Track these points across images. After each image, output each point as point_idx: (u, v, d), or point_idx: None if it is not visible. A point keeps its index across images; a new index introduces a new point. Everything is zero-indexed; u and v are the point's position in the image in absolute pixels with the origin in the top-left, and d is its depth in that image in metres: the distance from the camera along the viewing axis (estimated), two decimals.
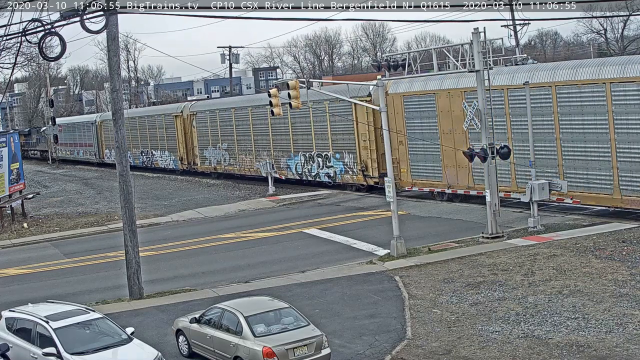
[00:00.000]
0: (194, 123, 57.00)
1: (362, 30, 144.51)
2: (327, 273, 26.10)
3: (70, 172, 76.13)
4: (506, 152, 28.45)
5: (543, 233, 28.21)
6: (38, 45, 22.95)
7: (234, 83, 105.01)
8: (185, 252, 32.33)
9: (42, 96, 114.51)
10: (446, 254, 26.70)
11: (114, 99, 24.99)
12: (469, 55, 28.68)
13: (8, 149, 43.19)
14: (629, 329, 17.70)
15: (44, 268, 31.25)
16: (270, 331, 17.02)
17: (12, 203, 43.83)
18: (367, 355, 17.93)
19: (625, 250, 24.38)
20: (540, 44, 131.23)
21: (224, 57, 79.34)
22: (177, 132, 58.97)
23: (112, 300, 24.79)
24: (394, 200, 27.54)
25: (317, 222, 35.49)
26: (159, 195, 50.15)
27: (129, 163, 25.66)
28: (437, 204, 37.08)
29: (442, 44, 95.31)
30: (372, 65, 67.91)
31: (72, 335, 17.16)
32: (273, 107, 29.41)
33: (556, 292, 20.97)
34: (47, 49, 23.56)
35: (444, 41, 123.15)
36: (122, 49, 74.25)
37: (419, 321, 19.87)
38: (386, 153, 28.10)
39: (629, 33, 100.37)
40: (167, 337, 20.14)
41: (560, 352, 16.82)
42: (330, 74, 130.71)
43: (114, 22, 23.91)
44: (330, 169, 43.27)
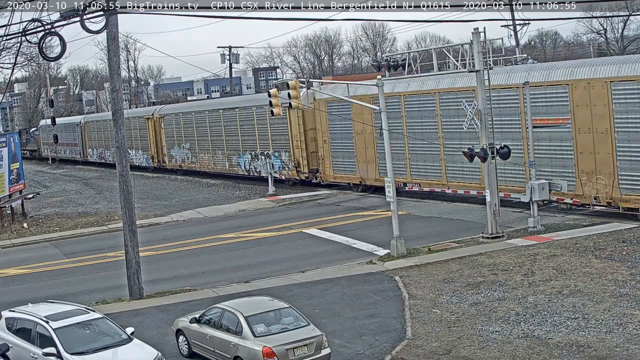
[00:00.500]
0: (162, 125, 62.26)
1: (362, 30, 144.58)
2: (327, 273, 26.10)
3: (70, 172, 76.17)
4: (506, 152, 28.48)
5: (543, 233, 28.22)
6: (38, 45, 22.96)
7: (234, 83, 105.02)
8: (185, 252, 32.33)
9: (42, 96, 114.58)
10: (446, 254, 26.70)
11: (114, 99, 24.99)
12: (469, 55, 28.69)
13: (8, 149, 43.20)
14: (629, 329, 17.70)
15: (44, 268, 31.25)
16: (270, 331, 17.03)
17: (12, 203, 43.84)
18: (367, 355, 17.94)
19: (625, 250, 24.39)
20: (540, 44, 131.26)
21: (224, 57, 79.36)
22: (149, 133, 64.03)
23: (112, 300, 24.79)
24: (394, 200, 27.54)
25: (317, 222, 35.50)
26: (159, 195, 50.16)
27: (127, 163, 25.64)
28: (437, 203, 37.10)
29: (442, 44, 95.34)
30: (372, 65, 67.90)
31: (72, 335, 17.16)
32: (273, 107, 29.43)
33: (556, 292, 20.97)
34: (47, 49, 23.56)
35: (444, 41, 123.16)
36: (122, 49, 74.53)
37: (419, 321, 19.87)
38: (386, 153, 28.04)
39: (629, 33, 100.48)
40: (167, 337, 20.14)
41: (560, 352, 16.83)
42: (330, 74, 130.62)
43: (114, 22, 23.91)
44: (255, 163, 49.56)
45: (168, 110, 63.59)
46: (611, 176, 28.96)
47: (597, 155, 29.49)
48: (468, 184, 35.26)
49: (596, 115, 29.18)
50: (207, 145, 55.23)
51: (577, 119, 30.03)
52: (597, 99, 29.03)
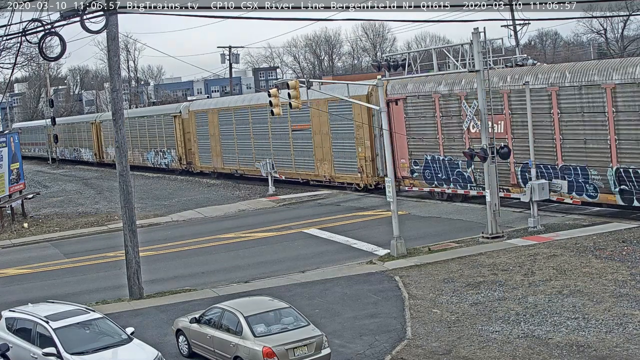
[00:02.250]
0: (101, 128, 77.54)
1: (362, 30, 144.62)
2: (327, 273, 26.10)
3: (70, 172, 76.26)
4: (506, 152, 28.52)
5: (543, 233, 28.22)
6: (38, 45, 22.97)
7: (234, 83, 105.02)
8: (185, 252, 32.33)
9: (42, 96, 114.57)
10: (446, 254, 26.70)
11: (114, 99, 24.97)
12: (469, 55, 28.71)
13: (8, 149, 43.19)
14: (629, 329, 17.70)
15: (44, 268, 31.25)
16: (270, 331, 17.03)
17: (12, 203, 43.83)
18: (367, 355, 17.94)
19: (625, 250, 24.39)
20: (540, 44, 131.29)
21: (224, 57, 79.31)
22: (93, 135, 79.15)
23: (112, 300, 24.79)
24: (394, 200, 27.54)
25: (317, 222, 35.50)
26: (158, 195, 50.17)
27: (127, 163, 25.64)
28: (437, 203, 37.10)
29: (442, 44, 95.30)
30: (372, 65, 67.88)
31: (72, 335, 17.16)
32: (273, 107, 29.43)
33: (556, 292, 20.97)
34: (47, 49, 23.59)
35: (444, 41, 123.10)
36: (122, 49, 75.02)
37: (419, 321, 19.87)
38: (386, 153, 28.06)
39: (629, 33, 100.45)
40: (167, 337, 20.14)
41: (560, 352, 16.83)
42: (330, 74, 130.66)
43: (114, 22, 23.90)
44: (165, 159, 63.69)
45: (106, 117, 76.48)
46: (330, 162, 43.23)
47: (323, 149, 43.86)
48: (305, 173, 46.58)
49: (321, 122, 43.44)
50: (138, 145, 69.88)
51: (314, 125, 43.99)
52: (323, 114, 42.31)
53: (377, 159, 40.27)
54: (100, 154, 77.67)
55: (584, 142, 29.94)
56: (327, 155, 43.74)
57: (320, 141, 43.98)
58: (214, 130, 54.92)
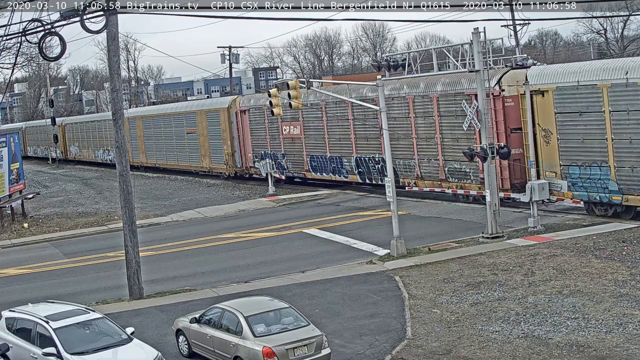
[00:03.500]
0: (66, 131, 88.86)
1: (362, 30, 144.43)
2: (327, 273, 26.10)
3: (70, 172, 76.28)
4: (506, 152, 28.54)
5: (543, 233, 28.22)
6: (38, 45, 23.00)
7: (234, 83, 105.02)
8: (185, 252, 32.34)
9: (42, 96, 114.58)
10: (446, 254, 26.71)
11: (114, 99, 24.98)
12: (469, 55, 28.72)
13: (8, 149, 43.19)
14: (629, 329, 17.71)
15: (44, 268, 31.25)
16: (270, 331, 17.03)
17: (12, 203, 43.83)
18: (367, 355, 17.94)
19: (625, 250, 24.40)
20: (540, 44, 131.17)
21: (224, 57, 79.28)
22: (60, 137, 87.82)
23: (112, 300, 24.79)
24: (394, 200, 27.54)
25: (317, 222, 35.50)
26: (159, 195, 50.18)
27: (127, 163, 25.65)
28: (437, 203, 37.11)
29: (442, 44, 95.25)
30: (372, 65, 67.87)
31: (72, 335, 17.16)
32: (273, 107, 29.42)
33: (556, 292, 20.98)
34: (47, 49, 23.63)
35: (444, 41, 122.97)
36: (122, 49, 75.14)
37: (419, 321, 19.88)
38: (386, 153, 28.07)
39: (629, 33, 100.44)
40: (167, 337, 20.14)
41: (560, 352, 16.83)
42: (330, 74, 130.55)
43: (114, 22, 23.90)
44: (110, 155, 71.80)
45: (71, 121, 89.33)
46: (209, 157, 55.59)
47: (204, 147, 55.85)
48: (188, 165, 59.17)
49: (203, 127, 55.96)
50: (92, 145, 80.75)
51: (199, 129, 56.15)
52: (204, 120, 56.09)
53: (235, 154, 53.31)
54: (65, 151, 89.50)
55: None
56: (207, 152, 56.20)
57: (203, 142, 56.62)
58: (140, 133, 68.10)
